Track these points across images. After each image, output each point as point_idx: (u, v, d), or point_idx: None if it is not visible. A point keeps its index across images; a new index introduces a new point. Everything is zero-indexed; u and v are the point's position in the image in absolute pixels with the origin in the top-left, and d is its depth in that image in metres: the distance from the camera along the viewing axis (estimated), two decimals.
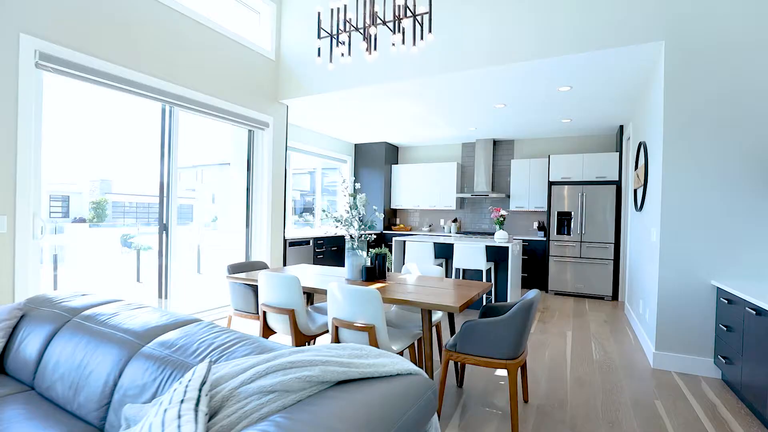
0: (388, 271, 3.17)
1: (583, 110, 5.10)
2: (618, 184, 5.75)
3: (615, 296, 5.71)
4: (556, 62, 3.56)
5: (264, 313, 2.64)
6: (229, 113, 4.33)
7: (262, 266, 3.58)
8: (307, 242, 5.60)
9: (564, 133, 6.44)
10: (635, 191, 4.50)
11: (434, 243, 5.03)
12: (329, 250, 6.00)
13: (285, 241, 5.12)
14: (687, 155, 3.08)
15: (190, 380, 1.15)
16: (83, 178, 3.74)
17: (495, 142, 7.16)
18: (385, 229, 7.55)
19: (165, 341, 1.60)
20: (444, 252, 5.22)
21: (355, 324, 2.17)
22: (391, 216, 7.92)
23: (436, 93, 4.53)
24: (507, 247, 4.80)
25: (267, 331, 2.66)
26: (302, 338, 2.53)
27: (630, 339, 3.87)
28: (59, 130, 3.35)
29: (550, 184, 6.13)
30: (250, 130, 4.85)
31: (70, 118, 3.43)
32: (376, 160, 7.58)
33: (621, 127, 5.81)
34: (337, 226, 2.72)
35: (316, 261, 5.78)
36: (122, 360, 1.58)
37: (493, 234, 6.90)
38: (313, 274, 3.10)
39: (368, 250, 2.55)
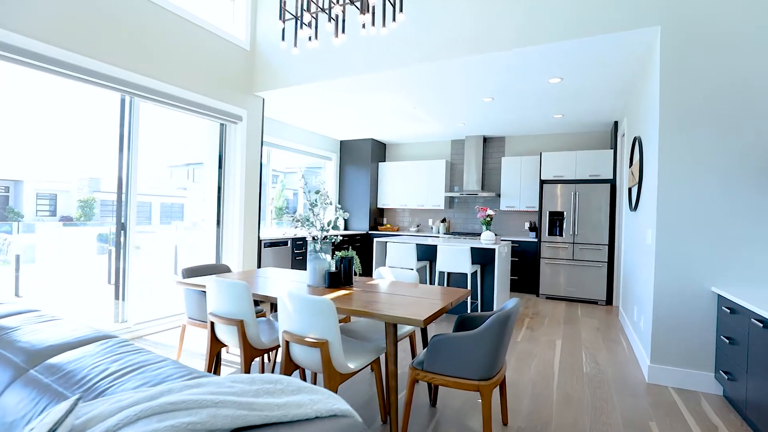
0: (356, 275, 2.89)
1: (576, 104, 4.83)
2: (612, 182, 5.49)
3: (609, 301, 5.44)
4: (545, 50, 3.30)
5: (213, 323, 2.35)
6: (198, 105, 4.04)
7: (224, 270, 3.29)
8: (285, 243, 5.31)
9: (556, 129, 6.18)
10: (630, 190, 4.23)
11: (417, 244, 4.75)
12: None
13: (260, 242, 4.83)
14: (684, 150, 2.81)
15: (33, 429, 0.87)
16: (72, 176, 3.60)
17: (485, 139, 6.89)
18: (371, 229, 7.27)
19: (54, 364, 1.31)
20: (428, 254, 4.94)
21: (306, 339, 1.89)
22: (378, 216, 7.63)
23: (418, 85, 4.25)
24: (494, 249, 4.52)
25: (216, 343, 2.38)
26: (253, 352, 2.25)
27: (624, 349, 3.60)
28: (48, 127, 3.22)
29: (542, 182, 5.86)
30: (222, 124, 4.56)
31: (59, 115, 3.28)
32: (363, 157, 7.29)
33: (615, 123, 5.55)
34: (296, 227, 2.44)
35: (295, 263, 5.49)
36: (1, 387, 1.30)
37: None
38: (277, 279, 2.81)
39: (333, 253, 2.29)
